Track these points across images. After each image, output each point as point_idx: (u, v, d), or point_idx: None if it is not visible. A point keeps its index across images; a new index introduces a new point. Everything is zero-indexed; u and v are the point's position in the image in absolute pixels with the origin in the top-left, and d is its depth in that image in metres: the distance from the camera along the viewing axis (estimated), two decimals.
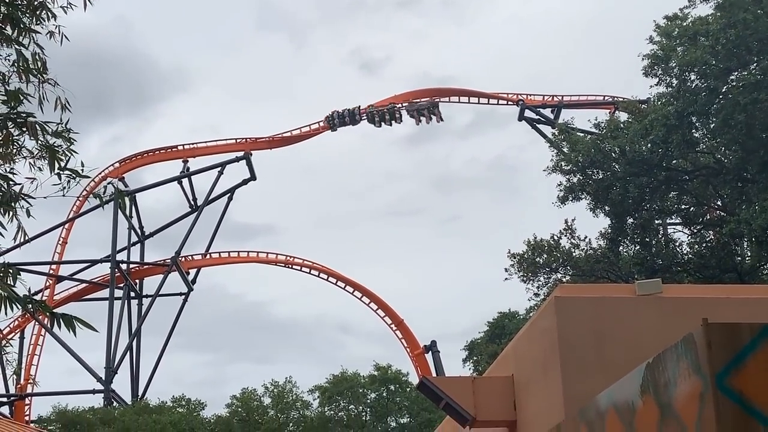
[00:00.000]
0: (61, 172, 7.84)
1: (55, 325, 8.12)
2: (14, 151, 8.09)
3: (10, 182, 7.98)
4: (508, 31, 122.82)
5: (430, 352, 56.87)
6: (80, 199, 56.08)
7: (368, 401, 52.30)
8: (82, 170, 7.79)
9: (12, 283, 7.81)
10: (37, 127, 7.75)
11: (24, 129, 7.75)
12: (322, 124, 61.53)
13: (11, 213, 7.90)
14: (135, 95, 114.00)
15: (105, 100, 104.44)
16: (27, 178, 7.97)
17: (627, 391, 5.41)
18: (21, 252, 53.55)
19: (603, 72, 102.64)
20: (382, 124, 61.25)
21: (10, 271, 7.75)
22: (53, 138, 7.97)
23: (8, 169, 8.05)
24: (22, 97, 7.71)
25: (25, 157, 8.15)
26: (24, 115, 7.78)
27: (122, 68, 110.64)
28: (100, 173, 56.35)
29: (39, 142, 7.86)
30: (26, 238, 7.99)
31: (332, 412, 51.79)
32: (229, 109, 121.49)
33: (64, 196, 7.74)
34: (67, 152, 8.05)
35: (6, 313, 7.46)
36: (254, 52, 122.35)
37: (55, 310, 7.94)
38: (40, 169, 7.94)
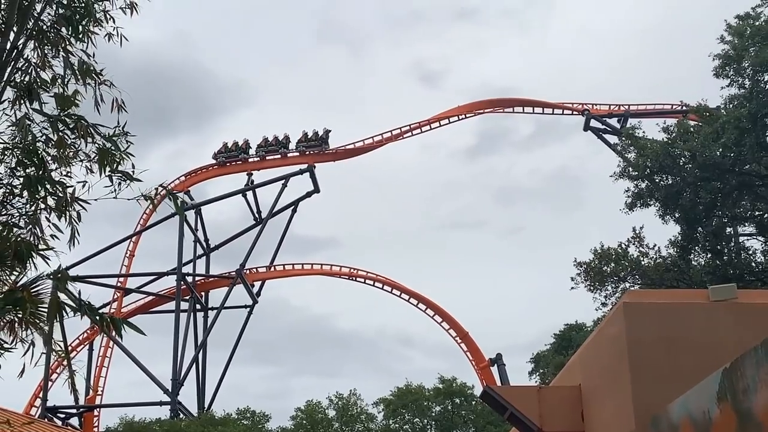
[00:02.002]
0: (113, 175, 7.77)
1: (115, 333, 8.01)
2: (70, 154, 8.05)
3: (66, 186, 7.94)
4: (571, 40, 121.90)
5: (495, 365, 56.31)
6: (146, 212, 57.05)
7: (433, 414, 51.98)
8: (133, 173, 7.71)
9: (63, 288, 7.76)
10: (90, 130, 7.69)
11: (76, 132, 7.69)
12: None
13: (66, 216, 7.85)
14: (197, 109, 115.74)
15: (167, 114, 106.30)
16: (79, 182, 7.93)
17: (702, 399, 5.14)
18: (89, 265, 54.88)
19: (670, 82, 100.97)
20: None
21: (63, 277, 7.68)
22: (106, 142, 7.91)
23: (64, 173, 8.02)
24: (74, 99, 7.66)
25: (81, 160, 8.11)
26: (75, 117, 7.73)
27: (184, 83, 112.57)
28: (165, 187, 56.99)
29: (90, 144, 7.80)
30: (77, 242, 7.92)
31: (397, 425, 51.61)
32: (291, 122, 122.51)
33: (115, 198, 7.67)
34: (124, 155, 7.98)
35: (55, 318, 7.37)
36: (314, 65, 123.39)
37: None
38: (92, 172, 7.88)
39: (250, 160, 60.48)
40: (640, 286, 29.57)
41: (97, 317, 7.79)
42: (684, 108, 48.21)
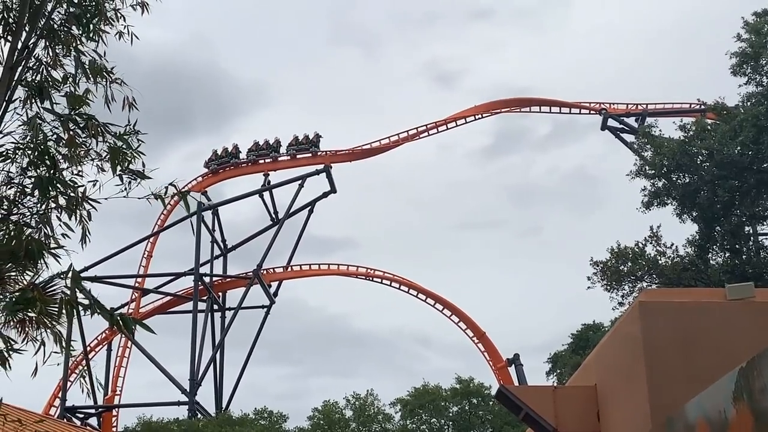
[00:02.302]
0: (123, 174, 7.76)
1: (132, 331, 7.98)
2: (81, 153, 8.05)
3: (76, 185, 7.93)
4: (588, 39, 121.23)
5: (513, 365, 56.12)
6: (164, 213, 57.21)
7: (450, 414, 51.85)
8: (144, 170, 7.69)
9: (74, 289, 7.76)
10: (101, 129, 7.68)
11: (87, 131, 7.69)
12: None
13: (77, 216, 7.85)
14: (214, 111, 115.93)
15: (185, 116, 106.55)
16: (90, 181, 7.92)
17: (718, 399, 5.05)
18: (107, 265, 55.09)
19: (688, 81, 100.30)
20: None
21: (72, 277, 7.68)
22: (117, 141, 7.89)
23: (75, 172, 8.02)
24: (85, 98, 7.65)
25: (92, 159, 8.10)
26: (86, 116, 7.72)
27: (201, 85, 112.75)
28: (182, 187, 57.13)
29: (101, 143, 7.79)
30: (88, 241, 7.91)
31: (414, 426, 51.51)
32: (308, 123, 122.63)
33: (126, 197, 7.66)
34: (135, 153, 7.97)
35: (72, 317, 7.37)
36: (330, 65, 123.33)
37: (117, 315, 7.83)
38: (104, 171, 7.87)
39: (261, 161, 60.46)
40: (658, 286, 29.32)
41: (110, 315, 7.78)
42: (702, 107, 47.82)
